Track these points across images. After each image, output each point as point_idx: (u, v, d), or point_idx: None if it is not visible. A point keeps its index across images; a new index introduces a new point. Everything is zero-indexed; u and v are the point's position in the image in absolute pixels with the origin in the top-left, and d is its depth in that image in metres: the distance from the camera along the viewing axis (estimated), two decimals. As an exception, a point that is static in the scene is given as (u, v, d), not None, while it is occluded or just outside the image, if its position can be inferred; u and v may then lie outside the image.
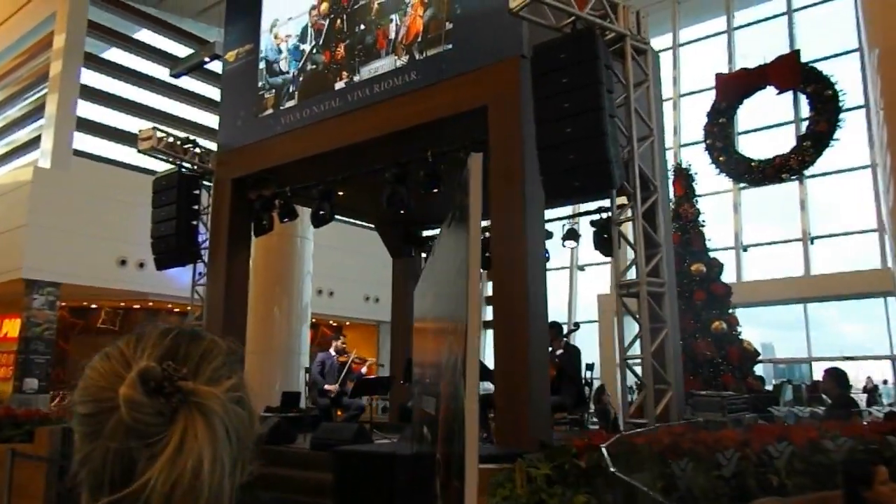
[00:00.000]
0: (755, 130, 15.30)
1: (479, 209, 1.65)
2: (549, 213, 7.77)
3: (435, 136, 6.76)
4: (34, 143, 15.72)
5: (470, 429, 1.51)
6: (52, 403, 14.00)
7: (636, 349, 5.66)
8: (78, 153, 14.93)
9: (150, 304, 17.35)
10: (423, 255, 10.52)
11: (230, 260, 8.23)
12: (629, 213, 5.84)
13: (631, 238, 5.77)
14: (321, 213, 7.65)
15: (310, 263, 11.72)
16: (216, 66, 16.76)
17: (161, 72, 16.61)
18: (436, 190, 6.80)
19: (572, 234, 8.59)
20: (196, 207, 8.66)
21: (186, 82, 17.04)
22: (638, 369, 5.60)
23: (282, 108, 7.92)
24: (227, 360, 0.91)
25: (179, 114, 17.27)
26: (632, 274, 5.87)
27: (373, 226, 11.11)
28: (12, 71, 17.18)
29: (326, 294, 17.93)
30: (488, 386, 11.22)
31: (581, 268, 17.77)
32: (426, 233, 10.80)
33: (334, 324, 20.77)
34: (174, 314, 18.57)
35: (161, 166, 15.13)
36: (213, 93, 18.06)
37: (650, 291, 5.70)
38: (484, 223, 10.31)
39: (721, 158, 14.68)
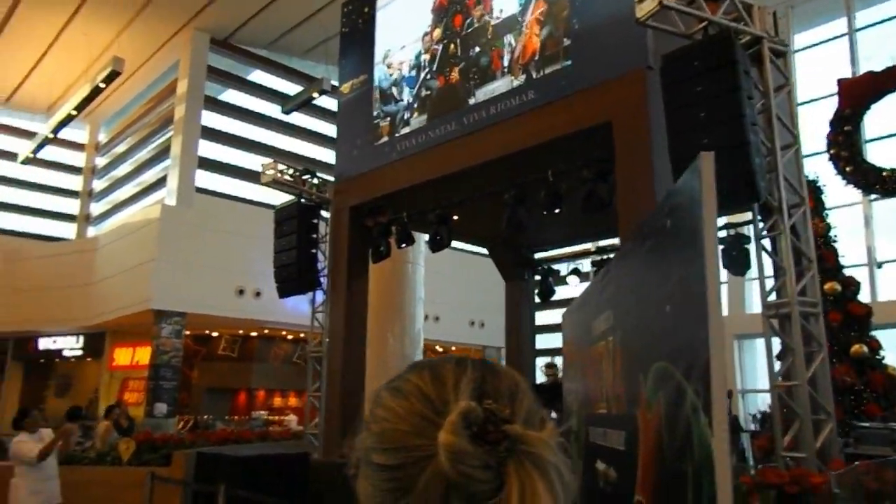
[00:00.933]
0: (885, 137, 14.15)
1: (714, 216, 1.40)
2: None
3: (555, 155, 6.54)
4: (161, 182, 16.67)
5: (722, 473, 1.26)
6: (179, 427, 14.60)
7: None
8: (200, 190, 15.69)
9: (266, 331, 17.92)
10: (536, 277, 10.25)
11: (350, 286, 8.27)
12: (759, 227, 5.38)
13: (771, 254, 5.30)
14: (438, 237, 7.56)
15: (421, 289, 11.68)
16: (324, 102, 17.44)
17: (273, 109, 17.32)
18: (557, 210, 6.56)
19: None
20: (315, 236, 8.77)
21: (297, 118, 17.68)
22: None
23: (397, 135, 7.93)
24: (534, 397, 0.72)
25: (291, 149, 17.89)
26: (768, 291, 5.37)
27: (483, 250, 10.95)
28: (142, 117, 18.37)
29: (432, 319, 17.87)
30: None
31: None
32: (538, 255, 10.56)
33: (440, 349, 20.76)
34: (287, 341, 19.11)
35: (276, 200, 15.80)
36: (322, 127, 18.67)
37: (801, 312, 5.19)
38: (608, 241, 9.97)
39: (848, 169, 13.59)
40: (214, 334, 18.21)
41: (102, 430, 8.91)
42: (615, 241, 10.00)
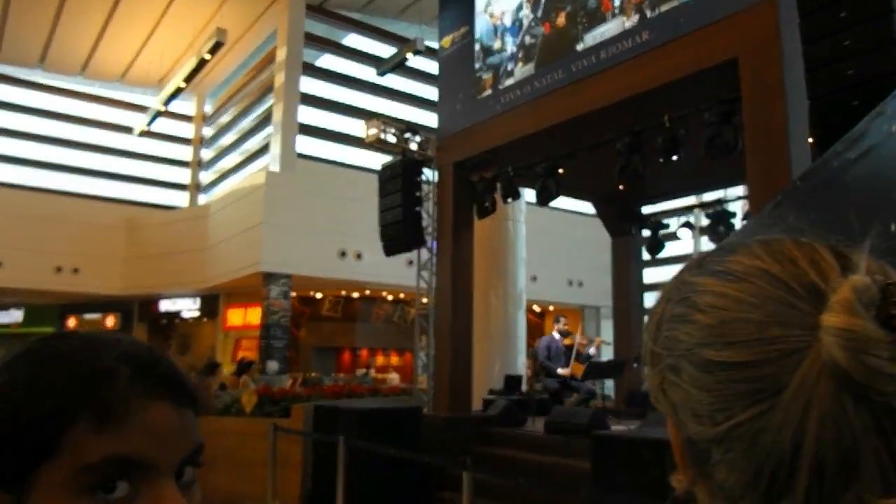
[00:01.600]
0: None
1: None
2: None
3: (672, 98, 6.15)
4: (264, 149, 17.14)
5: None
6: (289, 384, 15.23)
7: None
8: (301, 156, 16.02)
9: (367, 292, 18.31)
10: (645, 232, 9.86)
11: (456, 243, 8.21)
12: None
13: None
14: (546, 190, 7.34)
15: (523, 248, 11.52)
16: (418, 63, 17.31)
17: (369, 73, 17.37)
18: (675, 157, 6.19)
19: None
20: (419, 194, 8.74)
21: (392, 81, 17.67)
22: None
23: (500, 87, 7.71)
24: None
25: (387, 111, 17.94)
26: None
27: (580, 208, 10.63)
28: (244, 86, 18.87)
29: (529, 278, 17.67)
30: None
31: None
32: (646, 209, 10.15)
33: (538, 309, 20.59)
34: (388, 302, 19.47)
35: (376, 163, 15.97)
36: (417, 89, 18.60)
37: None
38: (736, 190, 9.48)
39: None
40: (318, 295, 18.77)
41: (242, 385, 9.40)
42: (736, 190, 9.49)
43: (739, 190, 9.84)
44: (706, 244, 14.37)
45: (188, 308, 19.16)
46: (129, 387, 0.53)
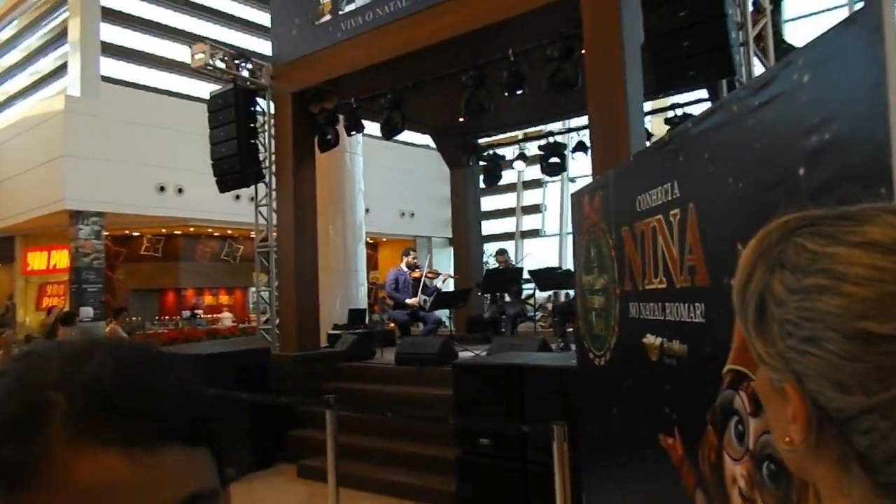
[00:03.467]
0: (805, 17, 14.38)
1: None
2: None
3: (517, 32, 6.22)
4: (60, 71, 15.12)
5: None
6: (107, 329, 14.07)
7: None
8: (106, 79, 14.35)
9: (191, 229, 17.19)
10: (481, 163, 10.12)
11: (297, 178, 7.88)
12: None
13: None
14: (391, 123, 7.21)
15: (361, 181, 11.35)
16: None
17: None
18: (520, 92, 6.33)
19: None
20: (254, 126, 8.22)
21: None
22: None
23: (341, 12, 7.34)
24: None
25: (206, 34, 16.49)
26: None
27: (408, 138, 10.66)
28: (28, -5, 16.35)
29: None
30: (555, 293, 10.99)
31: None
32: (482, 141, 10.39)
33: (370, 240, 20.64)
34: (214, 238, 18.46)
35: (195, 90, 14.74)
36: (241, 10, 17.24)
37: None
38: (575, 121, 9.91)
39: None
40: (136, 234, 17.35)
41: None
42: (576, 121, 9.94)
43: (566, 123, 10.38)
44: (536, 173, 15.11)
45: (-24, 253, 16.85)
46: (63, 429, 0.38)
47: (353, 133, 7.94)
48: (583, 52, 5.61)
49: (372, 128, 8.56)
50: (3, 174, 14.67)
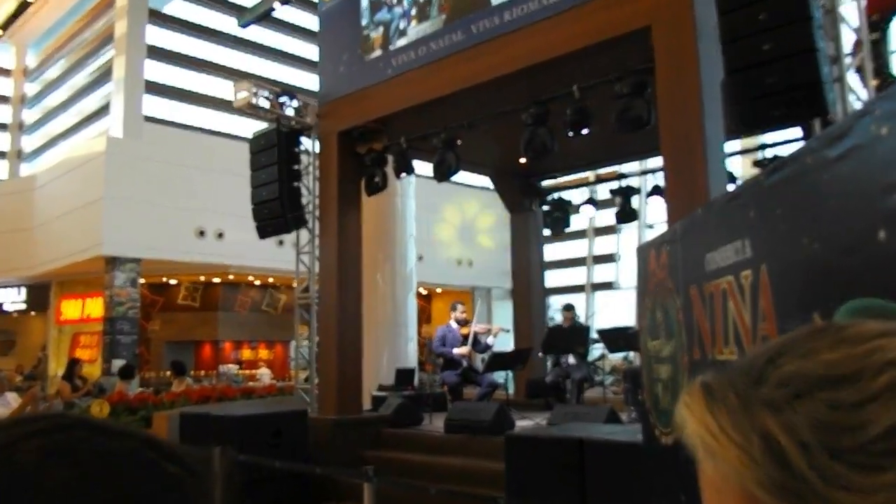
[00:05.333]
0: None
1: None
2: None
3: (581, 67, 6.29)
4: (104, 110, 16.01)
5: None
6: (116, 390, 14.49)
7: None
8: (149, 119, 15.10)
9: (231, 276, 17.67)
10: (545, 207, 10.15)
11: (341, 223, 8.06)
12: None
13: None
14: (444, 164, 7.33)
15: (412, 225, 11.51)
16: (289, 15, 16.72)
17: (229, 23, 16.59)
18: (585, 130, 6.35)
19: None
20: (297, 168, 8.48)
21: (258, 34, 16.99)
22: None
23: (392, 48, 7.57)
24: None
25: (252, 69, 17.25)
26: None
27: (467, 180, 10.77)
28: (76, 35, 17.48)
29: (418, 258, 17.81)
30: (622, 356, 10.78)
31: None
32: (545, 183, 10.44)
33: (423, 291, 20.75)
34: (255, 287, 18.92)
35: (240, 129, 15.34)
36: (288, 44, 17.99)
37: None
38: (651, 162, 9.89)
39: (873, 82, 13.60)
40: (173, 282, 17.95)
41: (58, 391, 8.74)
42: (652, 161, 9.90)
43: (643, 164, 10.32)
44: (608, 219, 15.02)
45: (11, 300, 17.70)
46: None
47: (403, 175, 8.09)
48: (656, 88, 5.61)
49: (424, 168, 8.72)
50: (43, 218, 15.48)
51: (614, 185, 9.84)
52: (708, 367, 2.50)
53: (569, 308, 8.96)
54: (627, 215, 9.90)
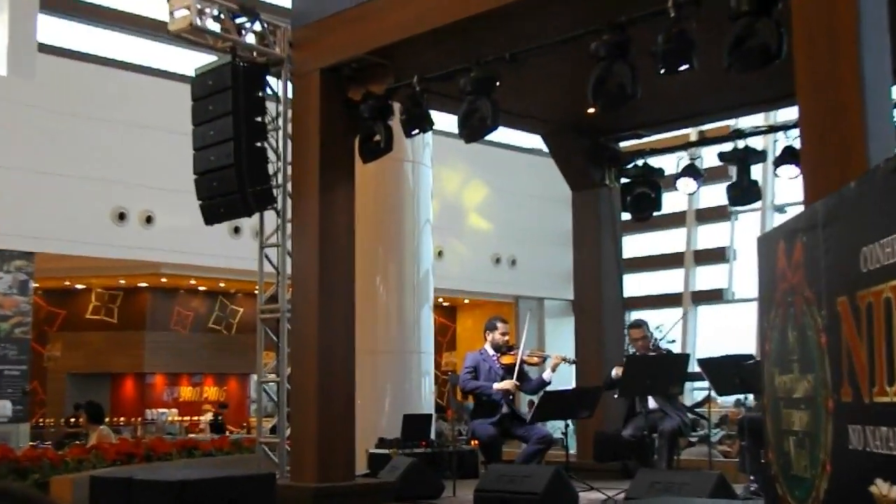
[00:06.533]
0: None
1: None
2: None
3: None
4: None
5: None
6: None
7: None
8: (46, 49, 15.19)
9: (164, 280, 17.86)
10: (624, 181, 10.16)
11: (325, 203, 8.12)
12: None
13: None
14: (476, 116, 7.35)
15: (429, 207, 11.56)
16: None
17: None
18: (685, 66, 6.36)
19: None
20: (261, 120, 8.55)
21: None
22: None
23: (399, -55, 7.65)
24: None
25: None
26: None
27: (515, 139, 10.78)
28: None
29: (434, 254, 17.81)
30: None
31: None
32: (625, 145, 10.46)
33: (444, 303, 20.81)
34: (199, 295, 19.11)
35: (170, 63, 15.44)
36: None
37: None
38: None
39: None
40: (80, 287, 18.18)
41: None
42: (776, 115, 9.87)
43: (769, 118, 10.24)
44: (716, 198, 15.04)
45: None
46: None
47: (416, 132, 8.11)
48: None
49: (446, 122, 8.73)
50: None
51: (726, 147, 9.79)
52: (864, 414, 2.52)
53: (638, 325, 8.90)
54: (746, 192, 9.84)
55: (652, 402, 8.44)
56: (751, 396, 10.88)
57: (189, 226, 11.33)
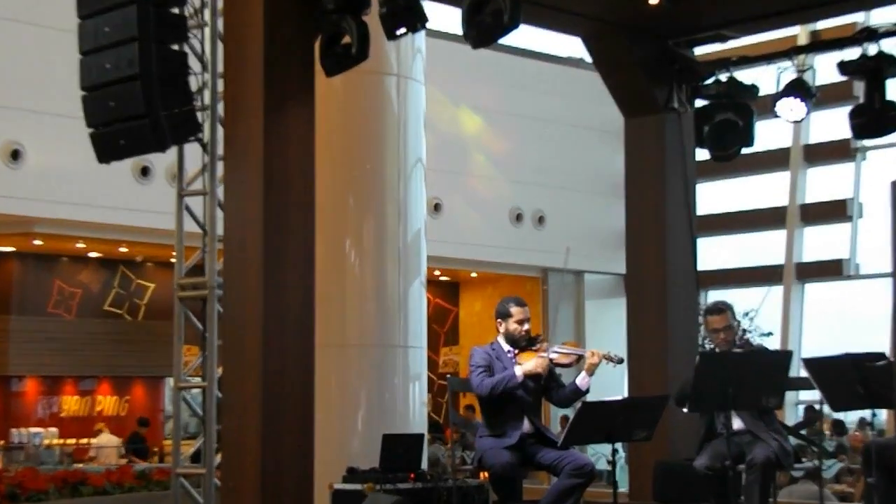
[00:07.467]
0: None
1: None
2: None
3: None
4: None
5: None
6: None
7: None
8: None
9: (37, 241, 17.85)
10: (700, 104, 10.21)
11: (271, 132, 8.16)
12: None
13: None
14: (488, 7, 7.40)
15: (422, 141, 11.56)
16: None
17: None
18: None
19: None
20: (177, 13, 8.59)
21: None
22: None
23: None
24: None
25: None
26: None
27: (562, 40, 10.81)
28: None
29: (430, 207, 17.87)
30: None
31: None
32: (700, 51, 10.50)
33: (443, 276, 20.85)
34: (89, 263, 19.15)
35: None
36: None
37: None
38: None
39: None
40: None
41: None
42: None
43: None
44: (833, 130, 15.11)
45: None
46: None
47: (403, 32, 8.15)
48: None
49: (445, 17, 8.77)
50: None
51: (849, 55, 9.80)
52: None
53: (719, 310, 8.78)
54: (878, 120, 9.84)
55: (738, 421, 8.46)
56: (881, 413, 10.88)
57: (74, 165, 11.34)
